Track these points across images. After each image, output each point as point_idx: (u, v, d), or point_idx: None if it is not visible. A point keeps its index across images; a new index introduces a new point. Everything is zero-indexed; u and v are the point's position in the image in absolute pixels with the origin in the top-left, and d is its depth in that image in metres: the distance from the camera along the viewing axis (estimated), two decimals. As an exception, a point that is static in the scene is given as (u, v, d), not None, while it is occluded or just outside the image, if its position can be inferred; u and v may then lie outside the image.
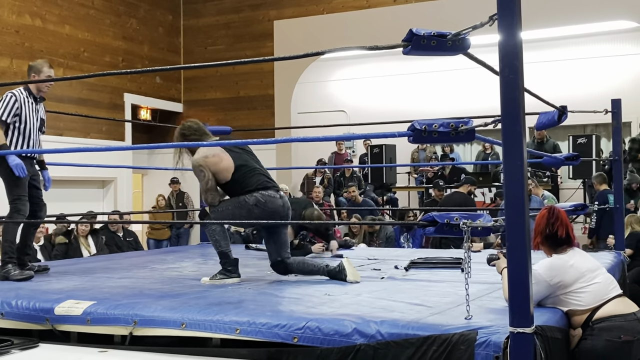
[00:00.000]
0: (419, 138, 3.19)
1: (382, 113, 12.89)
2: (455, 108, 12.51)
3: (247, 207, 4.69)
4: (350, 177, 12.48)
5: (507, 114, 2.78)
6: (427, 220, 3.23)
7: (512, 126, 2.76)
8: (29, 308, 3.79)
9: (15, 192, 4.98)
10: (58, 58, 11.16)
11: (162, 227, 12.24)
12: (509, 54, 2.78)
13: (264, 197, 4.72)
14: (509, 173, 2.76)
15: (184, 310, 3.47)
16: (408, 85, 14.43)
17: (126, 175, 12.30)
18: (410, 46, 3.17)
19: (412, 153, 13.58)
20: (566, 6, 11.05)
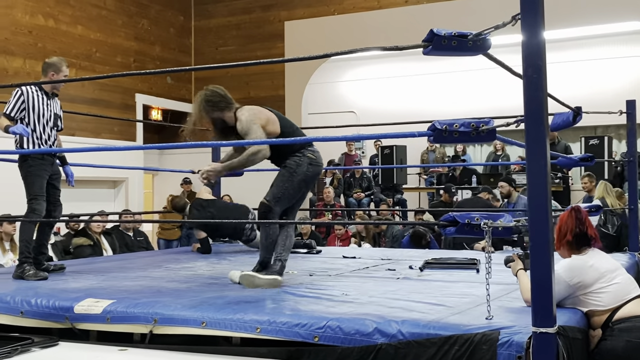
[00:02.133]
0: (439, 138, 3.19)
1: (391, 114, 12.90)
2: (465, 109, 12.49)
3: (301, 170, 4.51)
4: (360, 177, 12.48)
5: (531, 114, 2.78)
6: (448, 220, 3.22)
7: (536, 126, 2.76)
8: (49, 307, 3.80)
9: (32, 192, 4.99)
10: (70, 58, 11.17)
11: (172, 227, 12.25)
12: (532, 53, 2.77)
13: (315, 154, 4.60)
14: (533, 173, 2.76)
15: (203, 309, 3.48)
16: (417, 86, 14.42)
17: (137, 175, 12.33)
18: (431, 46, 3.18)
19: (422, 154, 13.56)
20: (578, 7, 11.02)
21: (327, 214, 11.23)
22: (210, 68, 5.48)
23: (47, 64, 5.19)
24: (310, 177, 4.62)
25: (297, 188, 4.58)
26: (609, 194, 7.97)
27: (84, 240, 8.00)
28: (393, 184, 11.92)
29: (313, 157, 4.60)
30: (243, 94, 13.09)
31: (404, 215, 12.11)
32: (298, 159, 4.56)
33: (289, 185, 4.54)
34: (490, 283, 3.34)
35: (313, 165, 4.59)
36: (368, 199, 12.38)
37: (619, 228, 7.87)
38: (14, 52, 10.30)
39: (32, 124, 5.03)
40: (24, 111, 5.02)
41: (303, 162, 4.57)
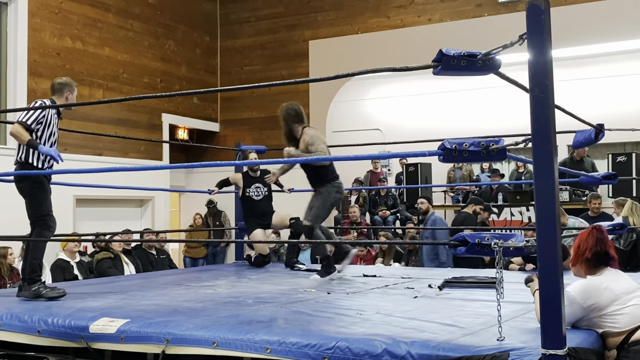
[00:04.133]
0: (449, 157, 3.19)
1: (417, 131, 12.87)
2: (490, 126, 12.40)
3: (332, 197, 6.10)
4: (386, 195, 12.46)
5: (538, 133, 2.76)
6: (458, 240, 3.20)
7: (543, 145, 2.74)
8: (65, 326, 3.85)
9: (44, 208, 4.86)
10: (98, 79, 11.40)
11: (198, 245, 12.35)
12: (539, 73, 2.77)
13: (340, 185, 6.24)
14: (540, 192, 2.74)
15: (215, 329, 3.49)
16: (443, 103, 14.38)
17: (164, 193, 12.45)
18: (441, 66, 3.18)
19: (449, 172, 13.49)
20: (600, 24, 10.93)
21: (352, 232, 11.22)
22: (236, 89, 5.55)
23: (62, 84, 5.08)
24: (337, 202, 6.33)
25: (327, 211, 6.18)
26: (633, 213, 7.90)
27: (104, 254, 8.10)
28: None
29: (339, 187, 6.22)
30: (268, 112, 13.21)
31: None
32: (330, 187, 6.13)
33: (323, 209, 6.08)
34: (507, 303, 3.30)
35: (339, 194, 6.23)
36: (393, 217, 12.35)
37: (634, 244, 7.79)
38: (42, 73, 10.52)
39: (43, 141, 4.92)
40: (39, 125, 4.88)
41: (332, 190, 6.14)
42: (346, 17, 12.92)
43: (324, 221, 6.32)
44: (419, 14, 12.38)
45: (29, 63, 10.34)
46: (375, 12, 12.74)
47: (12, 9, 10.30)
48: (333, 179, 6.17)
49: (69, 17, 11.01)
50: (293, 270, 7.07)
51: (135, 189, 8.35)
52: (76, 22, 11.13)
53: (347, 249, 6.35)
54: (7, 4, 10.31)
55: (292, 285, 5.63)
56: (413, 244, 10.06)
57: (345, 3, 13.00)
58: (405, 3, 12.55)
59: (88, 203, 10.95)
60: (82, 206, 10.84)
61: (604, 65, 13.05)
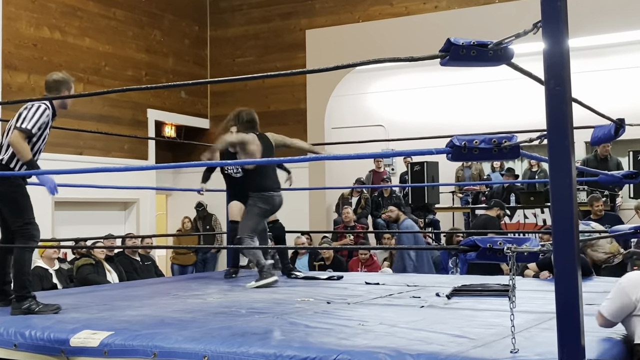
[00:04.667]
0: (458, 155, 3.19)
1: (423, 127, 12.89)
2: (502, 122, 12.43)
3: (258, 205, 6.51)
4: (389, 197, 12.46)
5: (554, 128, 2.76)
6: (468, 245, 3.21)
7: (559, 142, 2.74)
8: (43, 339, 3.85)
9: (27, 216, 4.70)
10: (78, 72, 11.37)
11: (187, 251, 12.34)
12: (554, 64, 2.76)
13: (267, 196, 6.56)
14: (557, 193, 2.73)
15: (206, 342, 3.49)
16: (451, 97, 14.39)
17: (149, 196, 12.45)
18: (449, 57, 3.18)
19: (457, 171, 13.52)
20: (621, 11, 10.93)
21: (348, 235, 11.22)
22: (227, 81, 5.51)
23: (59, 82, 4.92)
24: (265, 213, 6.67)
25: (255, 222, 6.56)
26: None
27: (84, 260, 8.11)
28: (424, 204, 11.88)
29: (265, 198, 6.57)
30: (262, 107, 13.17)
31: (436, 238, 12.05)
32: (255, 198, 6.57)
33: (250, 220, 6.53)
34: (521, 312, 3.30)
35: (266, 204, 6.58)
36: (398, 220, 12.35)
37: None
38: (17, 66, 10.52)
39: (37, 149, 4.78)
40: (40, 129, 4.71)
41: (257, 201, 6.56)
42: (346, 4, 12.92)
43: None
44: (424, 0, 12.38)
45: (3, 55, 10.34)
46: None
47: (-16, -3, 10.30)
48: (260, 189, 6.55)
49: (47, 5, 11.00)
50: (290, 278, 7.08)
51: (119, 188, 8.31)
52: (54, 11, 11.12)
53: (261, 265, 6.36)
54: (-20, -9, 10.31)
55: (288, 294, 5.63)
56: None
57: (344, -11, 13.01)
58: (409, -11, 12.56)
59: (68, 206, 10.94)
60: (62, 209, 10.84)
61: (624, 55, 13.07)
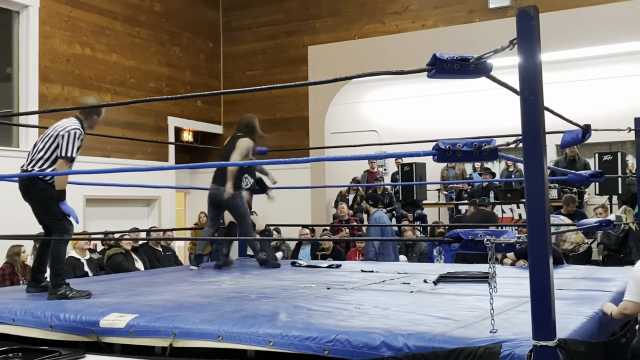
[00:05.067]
0: (443, 157, 3.19)
1: (412, 132, 12.88)
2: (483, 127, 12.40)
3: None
4: (382, 194, 12.45)
5: (528, 134, 2.76)
6: (452, 237, 3.21)
7: (533, 146, 2.75)
8: (76, 321, 3.84)
9: (57, 213, 4.70)
10: (106, 84, 11.40)
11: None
12: (528, 76, 2.77)
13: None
14: (531, 191, 2.74)
15: (220, 323, 3.49)
16: (437, 105, 14.38)
17: (170, 194, 12.45)
18: (435, 70, 3.18)
19: (442, 171, 13.50)
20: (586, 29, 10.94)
21: (344, 228, 11.22)
22: (238, 92, 5.44)
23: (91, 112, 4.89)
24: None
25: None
26: (626, 214, 8.05)
27: (116, 250, 8.11)
28: (413, 200, 11.88)
29: None
30: (269, 115, 13.21)
31: (424, 230, 12.03)
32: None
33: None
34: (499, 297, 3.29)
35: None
36: (390, 215, 12.33)
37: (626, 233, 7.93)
38: (52, 79, 10.51)
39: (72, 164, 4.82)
40: (78, 152, 4.71)
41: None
42: (343, 23, 12.92)
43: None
44: (413, 20, 12.38)
45: (40, 69, 10.34)
46: (371, 19, 12.75)
47: (23, 17, 10.29)
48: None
49: (78, 25, 11.00)
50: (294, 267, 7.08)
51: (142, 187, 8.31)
52: (85, 30, 11.12)
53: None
54: (19, 12, 10.30)
55: (293, 280, 5.63)
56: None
57: (342, 10, 13.01)
58: (400, 9, 12.55)
59: (97, 203, 10.95)
60: (92, 206, 10.85)
61: (591, 68, 13.06)
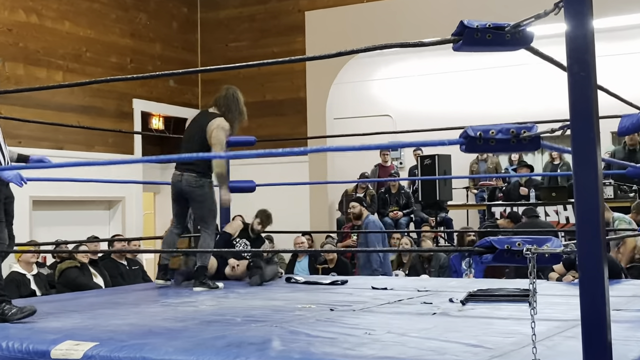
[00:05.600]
0: (473, 147, 3.18)
1: (433, 117, 12.90)
2: (522, 110, 12.40)
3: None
4: (397, 193, 12.46)
5: (578, 118, 2.77)
6: (484, 246, 3.21)
7: (584, 132, 2.75)
8: (22, 351, 3.84)
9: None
10: (57, 60, 11.39)
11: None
12: (578, 47, 2.77)
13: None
14: (581, 188, 2.74)
15: (199, 353, 3.49)
16: (464, 84, 14.39)
17: (136, 193, 12.45)
18: (462, 41, 3.18)
19: (471, 165, 13.51)
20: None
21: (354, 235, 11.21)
22: (220, 69, 5.36)
23: None
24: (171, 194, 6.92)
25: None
26: None
27: (70, 263, 8.11)
28: (436, 201, 11.88)
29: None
30: (258, 97, 13.19)
31: (449, 238, 12.05)
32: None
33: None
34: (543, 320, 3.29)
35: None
36: (407, 219, 12.37)
37: None
38: (-9, 53, 10.50)
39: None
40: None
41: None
42: (350, -18, 12.90)
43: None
44: (434, -22, 12.36)
45: (-25, 42, 10.34)
46: (383, -23, 12.73)
47: (-46, -22, 10.30)
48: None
49: (22, -14, 11.00)
50: (289, 283, 7.09)
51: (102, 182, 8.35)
52: (30, -8, 11.11)
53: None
54: (-51, -29, 10.30)
55: (288, 300, 5.63)
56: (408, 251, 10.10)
57: (347, -34, 12.98)
58: (418, -35, 12.54)
59: (47, 206, 10.94)
60: (40, 209, 10.84)
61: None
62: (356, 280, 7.45)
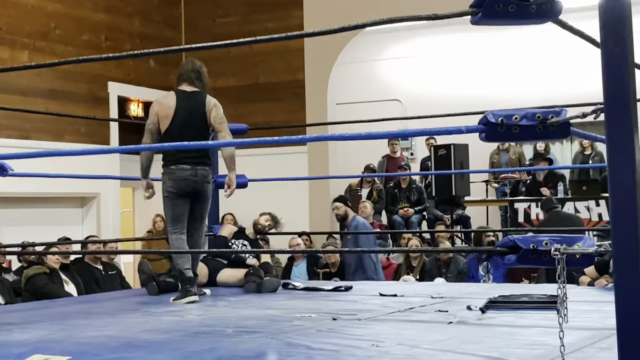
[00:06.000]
0: (493, 134, 3.19)
1: (448, 101, 12.87)
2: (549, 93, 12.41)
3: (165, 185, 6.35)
4: (408, 188, 12.46)
5: (612, 100, 2.76)
6: (506, 246, 3.21)
7: (620, 116, 2.75)
8: (-16, 366, 3.85)
9: None
10: (22, 38, 11.38)
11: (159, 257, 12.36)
12: (612, 20, 2.77)
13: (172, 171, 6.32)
14: (617, 181, 2.74)
15: (185, 368, 3.50)
16: (483, 63, 14.38)
17: (112, 189, 12.46)
18: (481, 13, 3.18)
19: (491, 155, 13.50)
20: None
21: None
22: (207, 48, 5.31)
23: None
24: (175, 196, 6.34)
25: (172, 210, 6.40)
26: None
27: (38, 269, 8.11)
28: (452, 196, 11.88)
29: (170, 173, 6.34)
30: (250, 79, 13.22)
31: (466, 238, 12.06)
32: (163, 176, 6.41)
33: (166, 208, 6.42)
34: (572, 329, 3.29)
35: (171, 182, 6.32)
36: (419, 217, 12.38)
37: None
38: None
39: None
40: None
41: (165, 179, 6.37)
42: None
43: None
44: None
45: None
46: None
47: None
48: (166, 162, 6.40)
49: (-19, -46, 10.98)
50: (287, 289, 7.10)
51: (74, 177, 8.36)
52: (-8, -39, 11.10)
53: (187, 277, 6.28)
54: None
55: (285, 309, 5.63)
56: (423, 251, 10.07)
57: None
58: None
59: (12, 203, 10.95)
60: (4, 207, 10.85)
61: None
62: (362, 285, 7.45)
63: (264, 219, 7.81)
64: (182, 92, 6.51)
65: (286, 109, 12.98)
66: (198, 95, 6.54)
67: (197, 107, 6.45)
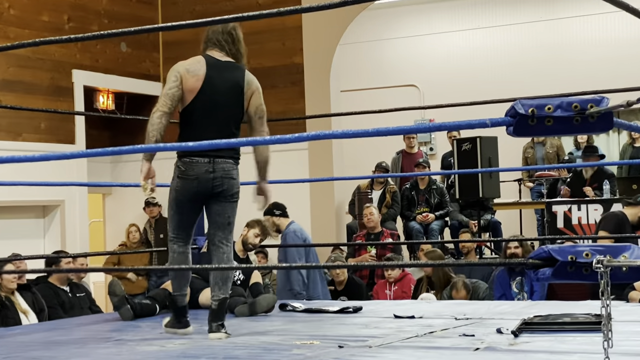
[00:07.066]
0: (523, 128, 3.20)
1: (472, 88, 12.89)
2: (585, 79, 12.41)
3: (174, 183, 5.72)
4: (427, 189, 12.46)
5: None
6: (540, 257, 3.22)
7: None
8: None
9: None
10: (-29, 18, 11.41)
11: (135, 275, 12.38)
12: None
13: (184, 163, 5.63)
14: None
15: (165, 407, 3.52)
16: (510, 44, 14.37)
17: (79, 196, 12.47)
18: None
19: (525, 150, 13.51)
20: None
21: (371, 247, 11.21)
22: (187, 26, 5.22)
23: None
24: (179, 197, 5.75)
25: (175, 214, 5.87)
26: None
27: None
28: (478, 198, 11.89)
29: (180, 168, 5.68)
30: (239, 63, 13.17)
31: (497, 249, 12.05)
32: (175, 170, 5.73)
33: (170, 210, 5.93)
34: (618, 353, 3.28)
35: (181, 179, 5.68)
36: (440, 223, 12.38)
37: None
38: None
39: None
40: None
41: (174, 176, 5.74)
42: None
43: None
44: None
45: None
46: None
47: None
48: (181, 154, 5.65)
49: None
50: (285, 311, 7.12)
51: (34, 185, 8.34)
52: None
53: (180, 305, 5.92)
54: None
55: (283, 334, 5.65)
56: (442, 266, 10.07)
57: None
58: None
59: None
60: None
61: None
62: (374, 306, 7.47)
63: (253, 234, 7.79)
64: (215, 61, 5.80)
65: (282, 98, 12.96)
66: (235, 69, 5.84)
67: (232, 85, 5.76)
